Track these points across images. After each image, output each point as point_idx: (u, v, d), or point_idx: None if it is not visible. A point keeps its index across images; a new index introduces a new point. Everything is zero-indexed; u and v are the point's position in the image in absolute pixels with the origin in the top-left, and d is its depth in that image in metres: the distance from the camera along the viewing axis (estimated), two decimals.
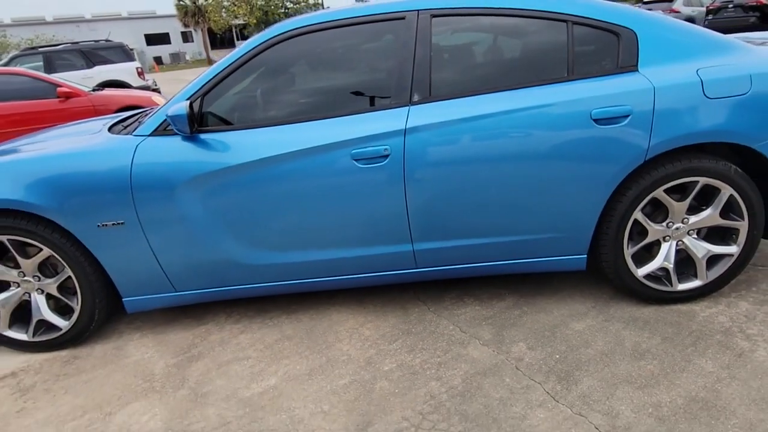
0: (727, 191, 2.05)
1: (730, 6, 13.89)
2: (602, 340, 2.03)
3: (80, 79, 9.25)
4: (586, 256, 2.19)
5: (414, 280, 2.28)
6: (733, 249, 2.15)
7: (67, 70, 10.14)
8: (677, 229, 2.14)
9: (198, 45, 46.56)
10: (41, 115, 6.54)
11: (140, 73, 11.31)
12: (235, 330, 2.35)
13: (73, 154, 2.09)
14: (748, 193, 2.04)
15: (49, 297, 2.29)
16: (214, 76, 2.09)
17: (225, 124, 2.14)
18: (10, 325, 2.30)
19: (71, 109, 6.72)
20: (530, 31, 2.07)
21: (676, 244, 2.18)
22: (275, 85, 2.19)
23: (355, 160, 1.99)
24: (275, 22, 19.53)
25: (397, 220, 2.09)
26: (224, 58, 2.14)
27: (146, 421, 1.83)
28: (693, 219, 2.13)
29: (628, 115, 1.94)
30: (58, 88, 6.67)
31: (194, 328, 2.41)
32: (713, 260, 2.19)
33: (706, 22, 14.78)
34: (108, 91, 7.47)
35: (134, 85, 10.68)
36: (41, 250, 2.15)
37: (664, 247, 2.18)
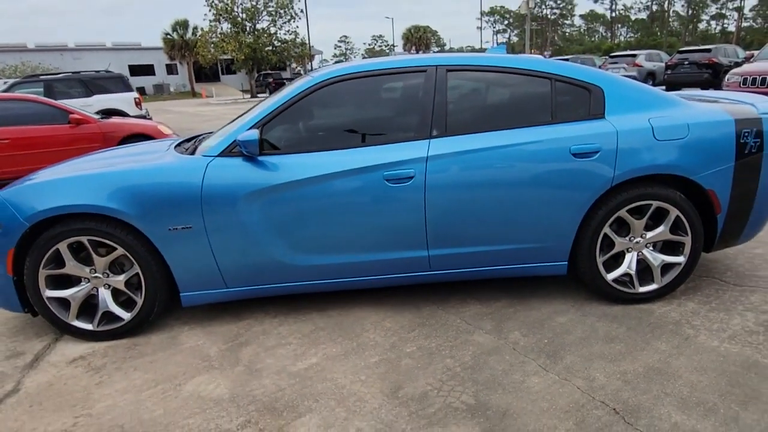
0: (674, 212, 2.62)
1: (686, 63, 15.25)
2: (580, 330, 2.53)
3: (79, 107, 9.59)
4: (566, 263, 2.71)
5: (427, 282, 2.75)
6: (680, 259, 2.71)
7: (67, 98, 10.48)
8: (637, 242, 2.70)
9: (182, 77, 47.26)
10: (53, 139, 6.90)
11: (137, 103, 11.73)
12: (274, 323, 2.76)
13: (153, 169, 2.53)
14: (690, 214, 2.62)
15: (114, 291, 2.67)
16: (271, 111, 2.59)
17: (277, 149, 2.61)
18: (77, 317, 2.66)
19: (82, 134, 7.09)
20: (523, 84, 2.65)
21: (637, 255, 2.72)
22: (321, 119, 2.69)
23: (387, 180, 2.49)
24: (263, 59, 20.26)
25: (417, 230, 2.58)
26: (279, 96, 2.65)
27: (213, 389, 2.22)
28: (649, 234, 2.68)
29: (598, 151, 2.51)
30: (71, 115, 7.05)
31: (236, 322, 2.80)
32: (666, 268, 2.74)
33: (665, 76, 16.16)
34: (116, 119, 7.87)
35: (131, 114, 11.07)
36: (115, 249, 2.55)
37: (628, 256, 2.73)
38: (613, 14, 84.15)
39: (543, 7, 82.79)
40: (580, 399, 2.02)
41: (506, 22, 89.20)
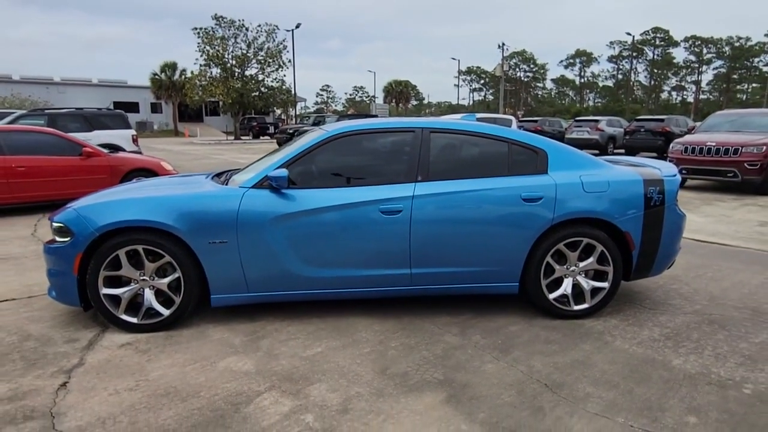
0: (599, 247, 3.43)
1: (642, 130, 16.84)
2: (527, 335, 3.26)
3: None
4: (518, 284, 3.47)
5: (408, 295, 3.46)
6: (605, 285, 3.50)
7: (68, 131, 11.09)
8: (572, 270, 3.49)
9: (166, 116, 47.99)
10: (65, 168, 7.49)
11: (134, 140, 12.39)
12: (284, 323, 3.41)
13: (202, 195, 3.23)
14: (611, 249, 3.43)
15: (156, 292, 3.29)
16: (295, 155, 3.35)
17: (295, 184, 3.34)
18: (124, 312, 3.26)
19: (91, 166, 7.73)
20: (487, 145, 3.49)
21: (573, 280, 3.51)
22: (331, 162, 3.45)
23: (381, 212, 3.25)
24: (250, 103, 21.48)
25: (403, 252, 3.31)
26: (299, 144, 3.42)
27: (241, 366, 2.84)
28: (581, 264, 3.48)
29: (542, 198, 3.33)
30: (84, 148, 7.69)
31: (252, 322, 3.43)
32: (595, 291, 3.52)
33: (624, 141, 17.73)
34: (123, 154, 8.51)
35: (127, 149, 11.70)
36: (163, 257, 3.20)
37: (566, 281, 3.51)
38: (582, 80, 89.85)
39: (517, 70, 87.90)
40: (521, 378, 2.72)
41: (482, 81, 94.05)
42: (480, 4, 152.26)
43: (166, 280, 3.25)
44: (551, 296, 3.47)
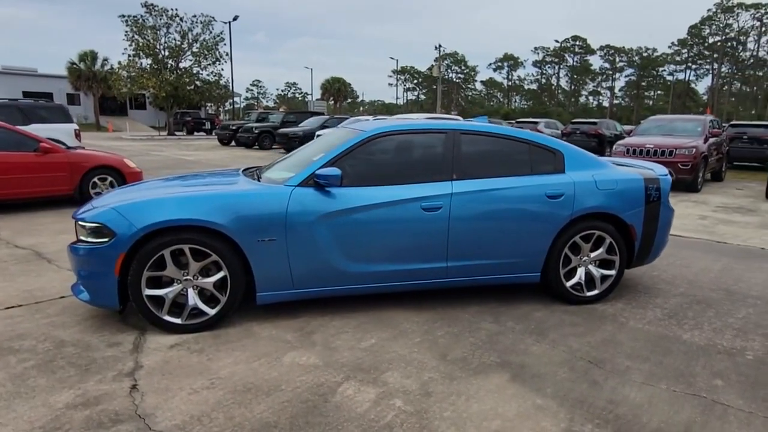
0: (608, 239, 3.83)
1: (578, 132, 18.12)
2: (553, 319, 3.58)
3: None
4: (540, 273, 3.79)
5: (444, 287, 3.67)
6: (613, 272, 3.90)
7: None
8: (584, 260, 3.86)
9: (85, 108, 44.55)
10: (19, 166, 6.95)
11: (77, 135, 11.58)
12: (326, 319, 3.49)
13: (249, 194, 3.23)
14: (618, 240, 3.84)
15: (199, 292, 3.25)
16: (337, 153, 3.44)
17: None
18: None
19: (49, 163, 7.21)
20: (511, 146, 3.77)
21: (585, 269, 3.88)
22: (372, 161, 3.56)
23: (423, 209, 3.42)
24: (185, 97, 20.85)
25: (441, 246, 3.51)
26: (338, 144, 3.51)
27: (306, 360, 2.91)
28: (593, 254, 3.86)
29: (563, 195, 3.67)
30: (41, 143, 7.16)
31: (295, 319, 3.48)
32: (604, 279, 3.92)
33: None
34: (84, 151, 7.99)
35: (70, 145, 10.91)
36: (209, 256, 3.17)
37: (579, 270, 3.87)
38: (510, 83, 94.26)
39: (449, 71, 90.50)
40: (566, 357, 3.03)
41: (415, 81, 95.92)
42: (411, 5, 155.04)
43: (212, 279, 3.22)
44: (568, 284, 3.82)
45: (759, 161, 14.84)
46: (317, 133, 15.31)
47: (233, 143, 24.07)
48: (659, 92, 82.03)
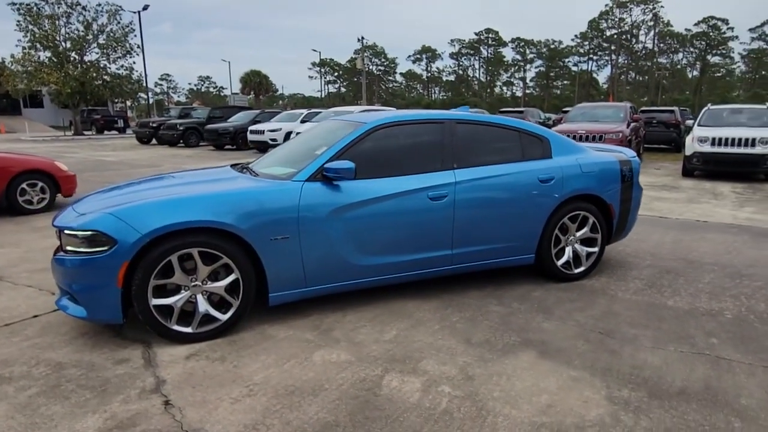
0: (591, 218, 4.10)
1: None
2: (551, 297, 3.78)
3: None
4: (534, 255, 3.97)
5: (447, 275, 3.74)
6: (596, 249, 4.19)
7: None
8: (572, 239, 4.10)
9: None
10: None
11: None
12: (338, 316, 3.43)
13: (259, 191, 3.09)
14: (600, 219, 4.12)
15: (208, 298, 3.07)
16: (342, 146, 3.37)
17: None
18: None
19: None
20: (502, 133, 3.90)
21: (573, 248, 4.12)
22: (374, 153, 3.52)
23: (429, 198, 3.46)
24: (93, 92, 19.51)
25: (447, 234, 3.58)
26: (344, 136, 3.44)
27: (337, 357, 2.86)
28: (578, 234, 4.11)
29: (553, 179, 3.87)
30: None
31: (307, 318, 3.39)
32: (588, 256, 4.19)
33: None
34: (8, 154, 7.15)
35: None
36: (220, 259, 3.00)
37: (567, 249, 4.11)
38: (429, 75, 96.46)
39: (370, 63, 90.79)
40: (578, 331, 3.22)
41: (336, 74, 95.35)
42: None
43: (223, 282, 3.05)
44: (558, 263, 4.05)
45: (667, 143, 16.45)
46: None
47: (154, 141, 22.60)
48: (566, 82, 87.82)
